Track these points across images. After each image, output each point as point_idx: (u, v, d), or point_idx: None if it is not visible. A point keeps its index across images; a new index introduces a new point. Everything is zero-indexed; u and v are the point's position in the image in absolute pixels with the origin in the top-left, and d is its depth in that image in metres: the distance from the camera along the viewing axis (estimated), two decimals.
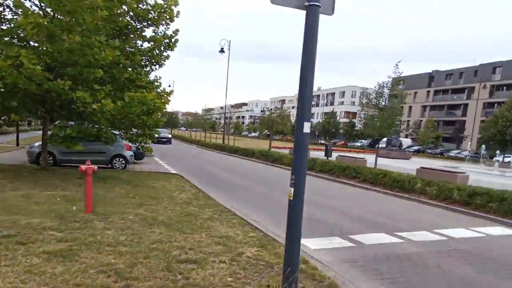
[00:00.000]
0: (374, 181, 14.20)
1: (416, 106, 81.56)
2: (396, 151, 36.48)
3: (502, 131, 37.92)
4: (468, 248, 6.63)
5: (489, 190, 10.09)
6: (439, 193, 11.39)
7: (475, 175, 22.06)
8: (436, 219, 9.09)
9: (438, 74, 78.25)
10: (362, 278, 4.87)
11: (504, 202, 9.47)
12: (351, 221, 8.27)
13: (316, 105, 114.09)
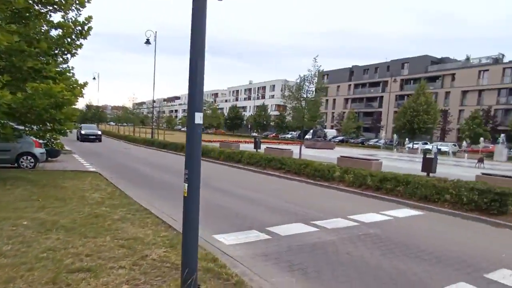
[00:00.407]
0: (298, 171, 14.55)
1: (339, 99, 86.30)
2: (321, 141, 38.06)
3: (410, 120, 41.63)
4: (377, 232, 6.97)
5: (397, 175, 10.83)
6: (355, 180, 11.98)
7: (389, 161, 23.84)
8: (351, 206, 9.50)
9: (357, 69, 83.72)
10: (274, 272, 4.81)
11: (409, 186, 10.22)
12: (271, 213, 8.28)
13: (248, 99, 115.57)
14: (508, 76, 55.02)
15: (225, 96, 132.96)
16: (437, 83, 65.13)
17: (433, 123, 42.80)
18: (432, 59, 69.35)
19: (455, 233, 7.17)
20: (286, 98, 18.63)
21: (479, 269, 5.23)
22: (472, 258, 5.70)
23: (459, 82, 61.28)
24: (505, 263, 5.50)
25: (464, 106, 59.51)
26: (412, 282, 4.67)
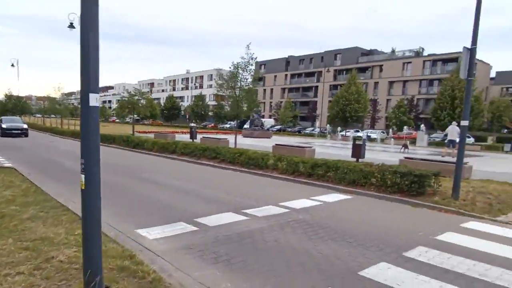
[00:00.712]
0: (232, 161, 14.39)
1: (276, 88, 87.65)
2: (259, 130, 38.36)
3: (343, 109, 43.58)
4: (306, 218, 7.03)
5: (327, 161, 11.11)
6: (288, 167, 12.10)
7: (322, 148, 24.66)
8: (284, 193, 9.54)
9: (293, 59, 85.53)
10: (197, 265, 4.58)
11: (338, 171, 10.54)
12: (202, 203, 8.01)
13: (186, 88, 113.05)
14: (428, 68, 59.81)
15: (162, 85, 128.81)
16: (367, 74, 68.77)
17: (364, 111, 45.20)
18: (362, 51, 72.99)
19: (379, 215, 7.47)
20: (220, 86, 18.30)
21: (399, 248, 5.45)
22: (393, 238, 5.94)
23: (386, 73, 65.30)
24: (421, 241, 5.80)
25: (391, 95, 63.64)
26: (336, 265, 4.72)
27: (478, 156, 24.13)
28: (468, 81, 8.25)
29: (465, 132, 8.41)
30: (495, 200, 8.46)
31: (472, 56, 8.05)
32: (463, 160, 8.54)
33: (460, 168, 8.41)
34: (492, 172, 14.48)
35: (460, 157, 8.45)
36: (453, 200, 8.30)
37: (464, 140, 8.46)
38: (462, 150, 8.48)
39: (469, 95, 8.40)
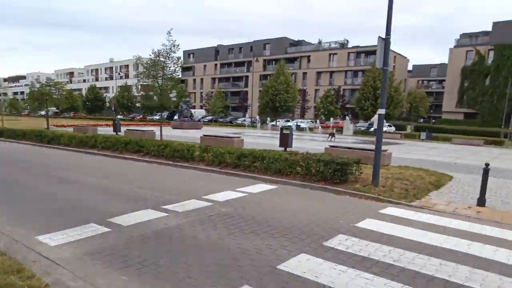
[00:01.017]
0: (157, 153, 13.68)
1: (206, 78, 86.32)
2: (188, 121, 37.35)
3: (272, 99, 44.25)
4: (229, 211, 6.78)
5: (253, 151, 10.98)
6: (214, 158, 11.78)
7: (253, 138, 24.70)
8: (209, 185, 9.21)
9: (222, 48, 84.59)
10: (103, 271, 4.09)
11: (264, 161, 10.47)
12: (119, 201, 7.36)
13: (110, 78, 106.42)
14: (352, 60, 63.03)
15: (83, 75, 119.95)
16: (296, 64, 70.49)
17: (293, 101, 46.26)
18: (290, 41, 74.52)
19: (302, 204, 7.48)
20: (141, 75, 17.20)
21: (320, 238, 5.43)
22: (315, 227, 5.93)
23: (314, 64, 67.51)
24: (342, 229, 5.86)
25: (319, 86, 66.08)
26: (255, 260, 4.52)
27: (398, 144, 25.94)
28: (383, 70, 8.56)
29: (382, 120, 8.75)
30: (411, 186, 8.96)
31: (386, 46, 8.35)
32: (381, 148, 8.91)
33: (378, 156, 8.76)
34: (410, 159, 15.56)
35: (378, 145, 8.80)
36: (373, 186, 8.62)
37: (381, 128, 8.81)
38: (380, 139, 8.83)
39: (385, 84, 8.74)
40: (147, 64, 16.24)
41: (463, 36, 61.99)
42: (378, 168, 8.76)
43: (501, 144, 29.76)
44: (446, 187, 9.39)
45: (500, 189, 9.52)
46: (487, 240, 5.58)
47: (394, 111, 37.40)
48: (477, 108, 54.46)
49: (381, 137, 8.83)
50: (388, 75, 8.53)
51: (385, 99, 8.80)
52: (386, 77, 8.71)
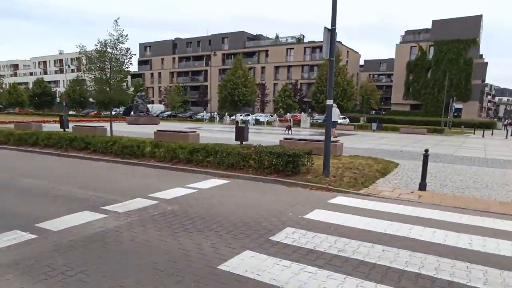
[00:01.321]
0: (105, 150, 12.96)
1: (164, 72, 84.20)
2: (144, 116, 36.10)
3: (231, 93, 43.89)
4: (175, 209, 6.44)
5: (206, 146, 10.65)
6: (166, 154, 11.32)
7: (210, 133, 24.28)
8: (158, 182, 8.78)
9: (180, 42, 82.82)
10: (19, 286, 3.63)
11: (217, 156, 10.17)
12: (53, 204, 6.77)
13: (60, 72, 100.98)
14: (308, 54, 64.00)
15: (29, 68, 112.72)
16: (254, 58, 70.48)
17: (251, 95, 46.12)
18: (248, 36, 74.38)
19: (253, 198, 7.28)
20: (86, 68, 16.18)
21: (267, 232, 5.25)
22: (264, 221, 5.75)
23: (272, 58, 67.82)
24: (290, 222, 5.72)
25: (278, 80, 66.53)
26: (195, 261, 4.24)
27: (352, 134, 26.60)
28: (330, 61, 8.52)
29: (330, 110, 8.72)
30: (360, 174, 9.04)
31: (333, 37, 8.30)
32: (330, 138, 8.89)
33: (328, 147, 8.74)
34: (361, 148, 15.90)
35: (327, 136, 8.77)
36: (324, 177, 8.59)
37: (330, 118, 8.78)
38: (328, 130, 8.80)
39: (331, 75, 8.69)
40: (92, 55, 15.23)
41: (407, 33, 65.19)
42: (328, 159, 8.75)
43: (441, 132, 32.38)
44: (392, 174, 9.63)
45: (439, 173, 10.03)
46: (427, 223, 5.72)
47: (347, 103, 38.33)
48: (421, 100, 57.76)
49: (329, 128, 8.81)
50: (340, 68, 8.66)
51: (331, 89, 8.77)
52: (332, 68, 8.66)
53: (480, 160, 13.25)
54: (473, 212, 6.39)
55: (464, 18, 54.98)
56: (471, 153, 15.67)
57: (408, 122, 45.56)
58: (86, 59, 15.33)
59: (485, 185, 8.59)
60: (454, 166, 11.40)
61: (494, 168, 11.29)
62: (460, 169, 10.81)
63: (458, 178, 9.31)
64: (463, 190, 7.95)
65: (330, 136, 8.79)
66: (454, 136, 29.07)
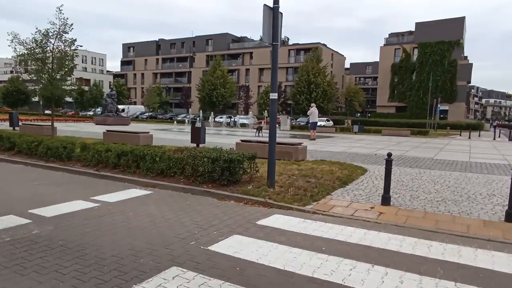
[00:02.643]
0: (29, 152, 11.10)
1: (148, 73, 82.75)
2: (113, 117, 34.02)
3: (209, 94, 42.12)
4: (43, 233, 4.67)
5: (135, 149, 8.87)
6: (92, 157, 9.50)
7: (175, 134, 22.45)
8: (60, 193, 6.96)
9: (164, 43, 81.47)
10: None
11: (146, 160, 8.40)
12: None
13: None
14: (293, 57, 62.79)
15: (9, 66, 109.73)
16: (239, 60, 69.07)
17: (231, 96, 44.42)
18: (233, 37, 73.18)
19: (162, 217, 5.54)
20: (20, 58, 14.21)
21: (140, 274, 3.52)
22: (147, 256, 4.02)
23: (256, 60, 66.37)
24: (182, 257, 4.00)
25: (262, 82, 64.98)
26: None
27: (331, 137, 24.96)
28: (273, 46, 6.87)
29: (274, 105, 7.03)
30: (315, 184, 7.36)
31: (275, 16, 6.68)
32: (275, 139, 7.17)
33: (273, 150, 7.05)
34: (332, 152, 14.27)
35: (271, 138, 7.07)
36: (267, 187, 6.90)
37: (274, 117, 7.09)
38: (273, 130, 7.09)
39: (275, 63, 7.02)
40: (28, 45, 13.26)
41: (391, 35, 64.68)
42: (273, 165, 7.05)
43: (426, 134, 31.27)
44: (355, 183, 7.94)
45: (412, 181, 8.36)
46: (378, 258, 4.02)
47: (328, 105, 36.82)
48: (406, 102, 57.04)
49: (274, 128, 7.10)
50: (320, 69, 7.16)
51: (276, 82, 7.10)
52: (276, 54, 6.99)
53: (463, 165, 11.67)
54: (447, 238, 4.75)
55: (447, 20, 54.42)
56: (454, 156, 14.09)
57: (393, 124, 44.54)
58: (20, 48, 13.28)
59: (467, 196, 6.97)
60: (432, 172, 9.75)
61: (478, 174, 9.67)
62: (438, 176, 9.15)
63: (434, 188, 7.67)
64: (438, 204, 6.31)
65: (274, 136, 7.09)
66: (438, 138, 27.82)
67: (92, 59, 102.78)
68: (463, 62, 55.00)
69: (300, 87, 35.86)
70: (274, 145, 7.08)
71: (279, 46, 6.92)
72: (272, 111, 7.07)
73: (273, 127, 7.07)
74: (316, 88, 35.45)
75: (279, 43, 6.87)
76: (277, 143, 11.08)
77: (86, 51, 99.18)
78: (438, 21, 54.87)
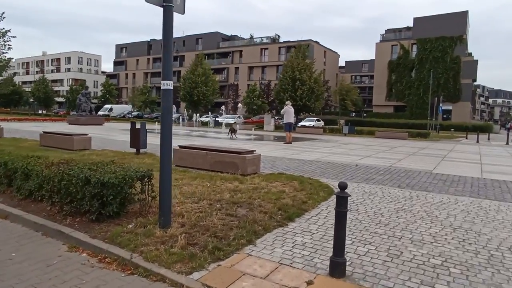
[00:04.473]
0: None
1: (139, 73, 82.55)
2: (86, 116, 31.44)
3: (190, 92, 39.55)
4: None
5: (8, 161, 6.26)
6: None
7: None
8: None
9: (155, 43, 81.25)
10: None
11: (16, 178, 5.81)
12: None
13: (41, 72, 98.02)
14: (283, 54, 60.40)
15: (14, 69, 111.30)
16: (228, 59, 67.01)
17: (213, 94, 41.85)
18: (223, 36, 71.69)
19: None
20: None
21: None
22: None
23: (246, 59, 64.16)
24: None
25: (251, 80, 62.51)
26: None
27: (314, 139, 22.14)
28: (164, 8, 4.23)
29: (168, 98, 4.32)
30: (238, 221, 4.73)
31: None
32: (170, 149, 4.51)
33: (166, 167, 4.40)
34: (302, 160, 11.55)
35: (165, 146, 4.40)
36: (155, 229, 4.28)
37: (169, 116, 4.42)
38: (166, 133, 4.42)
39: (168, 33, 4.30)
40: None
41: (388, 31, 62.18)
42: (168, 192, 4.41)
43: (426, 136, 27.70)
44: (306, 217, 5.16)
45: (396, 215, 5.38)
46: None
47: (315, 103, 34.09)
48: (405, 101, 54.31)
49: (167, 131, 4.42)
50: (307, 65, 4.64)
51: (169, 65, 4.41)
52: (168, 19, 4.30)
53: (474, 183, 8.28)
54: None
55: (448, 15, 51.59)
56: (460, 169, 10.62)
57: (391, 125, 41.99)
58: None
59: (486, 253, 4.02)
60: (429, 197, 6.60)
61: (499, 203, 6.42)
62: (438, 205, 6.05)
63: (430, 231, 4.66)
64: (435, 275, 3.52)
65: (169, 143, 4.41)
66: (441, 142, 24.37)
67: (88, 60, 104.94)
68: (467, 59, 51.77)
69: (284, 84, 33.10)
70: (168, 158, 4.45)
71: (173, 8, 4.29)
72: (165, 106, 4.45)
73: (167, 129, 4.41)
74: (301, 86, 32.70)
75: (173, 5, 4.26)
76: (219, 151, 8.51)
77: (83, 53, 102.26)
78: (439, 16, 52.13)
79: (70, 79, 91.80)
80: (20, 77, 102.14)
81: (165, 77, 4.42)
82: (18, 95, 70.97)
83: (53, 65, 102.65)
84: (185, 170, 8.32)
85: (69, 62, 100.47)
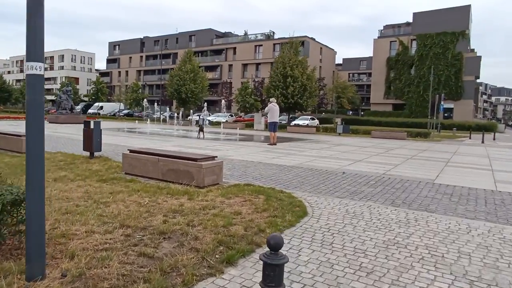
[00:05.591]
0: None
1: (132, 70, 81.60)
2: (66, 114, 30.03)
3: (177, 89, 38.08)
4: None
5: None
6: None
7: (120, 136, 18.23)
8: None
9: (148, 40, 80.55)
10: None
11: None
12: None
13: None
14: (278, 51, 58.75)
15: (8, 66, 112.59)
16: (222, 56, 65.73)
17: (202, 92, 40.33)
18: (216, 33, 70.69)
19: None
20: None
21: None
22: None
23: (240, 56, 62.78)
24: None
25: (245, 78, 61.01)
26: None
27: (303, 140, 20.64)
28: None
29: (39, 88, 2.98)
30: (149, 267, 3.26)
31: None
32: (42, 159, 3.02)
33: (36, 190, 2.90)
34: (280, 166, 10.05)
35: (34, 156, 2.90)
36: (23, 281, 2.79)
37: (35, 113, 2.93)
38: (34, 142, 2.93)
39: None
40: None
41: (386, 27, 60.67)
42: (40, 222, 2.91)
43: (426, 136, 25.97)
44: (251, 262, 3.48)
45: (386, 253, 3.78)
46: None
47: (307, 101, 32.56)
48: (404, 99, 52.78)
49: (37, 129, 2.91)
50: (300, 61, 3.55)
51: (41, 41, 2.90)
52: None
53: (489, 199, 6.56)
54: None
55: (450, 10, 49.86)
56: (469, 178, 8.83)
57: (389, 123, 40.56)
58: None
59: None
60: (431, 222, 4.89)
61: None
62: (444, 235, 4.35)
63: (436, 286, 3.18)
64: None
65: (39, 152, 2.92)
66: (443, 142, 22.52)
67: (81, 58, 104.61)
68: (469, 55, 50.12)
69: (275, 81, 31.60)
70: (39, 171, 2.95)
71: None
72: (31, 99, 2.96)
73: (35, 130, 2.91)
74: (293, 82, 31.17)
75: None
76: (172, 157, 6.98)
77: (76, 51, 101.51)
78: (439, 11, 50.49)
79: (63, 77, 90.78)
80: (14, 75, 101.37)
81: (32, 57, 2.92)
82: (7, 93, 69.89)
83: (47, 63, 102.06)
84: (133, 179, 6.85)
85: (62, 60, 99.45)
